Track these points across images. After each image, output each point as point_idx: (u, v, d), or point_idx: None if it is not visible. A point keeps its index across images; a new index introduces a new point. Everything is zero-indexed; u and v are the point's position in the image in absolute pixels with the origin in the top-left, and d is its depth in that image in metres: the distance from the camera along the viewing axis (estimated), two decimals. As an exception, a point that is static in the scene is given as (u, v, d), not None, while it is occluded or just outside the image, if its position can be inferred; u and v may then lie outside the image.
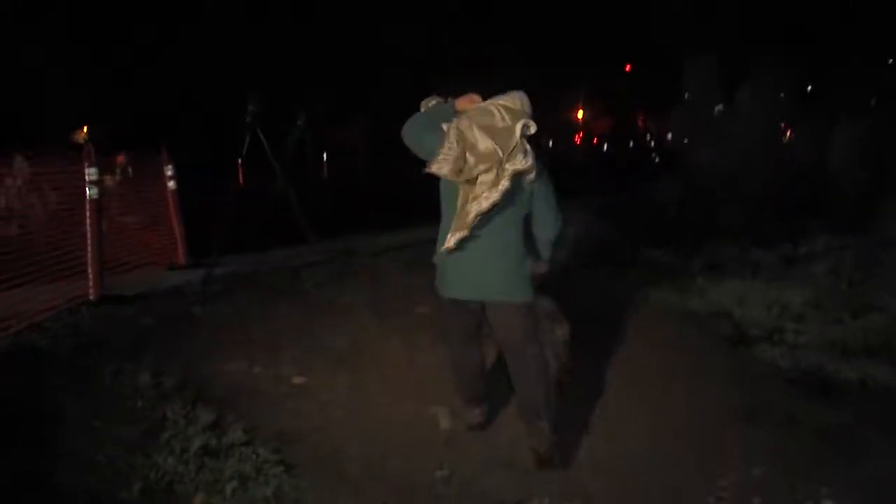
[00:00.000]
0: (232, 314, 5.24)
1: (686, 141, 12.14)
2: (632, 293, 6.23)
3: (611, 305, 5.88)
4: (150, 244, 7.40)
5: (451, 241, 3.08)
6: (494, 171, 3.03)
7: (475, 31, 29.91)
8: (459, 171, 3.03)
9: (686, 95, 12.25)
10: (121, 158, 7.89)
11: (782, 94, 12.24)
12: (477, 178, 3.05)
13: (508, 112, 3.11)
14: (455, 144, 3.03)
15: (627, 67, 49.73)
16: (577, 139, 52.94)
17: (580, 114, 52.35)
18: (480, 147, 3.02)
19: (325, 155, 33.38)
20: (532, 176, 3.13)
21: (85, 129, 34.48)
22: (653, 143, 45.83)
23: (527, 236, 3.35)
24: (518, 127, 3.07)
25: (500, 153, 3.02)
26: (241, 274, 6.64)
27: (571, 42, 37.89)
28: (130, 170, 7.66)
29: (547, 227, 3.38)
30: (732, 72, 12.03)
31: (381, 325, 5.08)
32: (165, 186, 7.30)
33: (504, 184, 3.01)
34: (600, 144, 52.70)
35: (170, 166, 7.25)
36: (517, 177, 3.06)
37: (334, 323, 5.12)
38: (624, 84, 46.96)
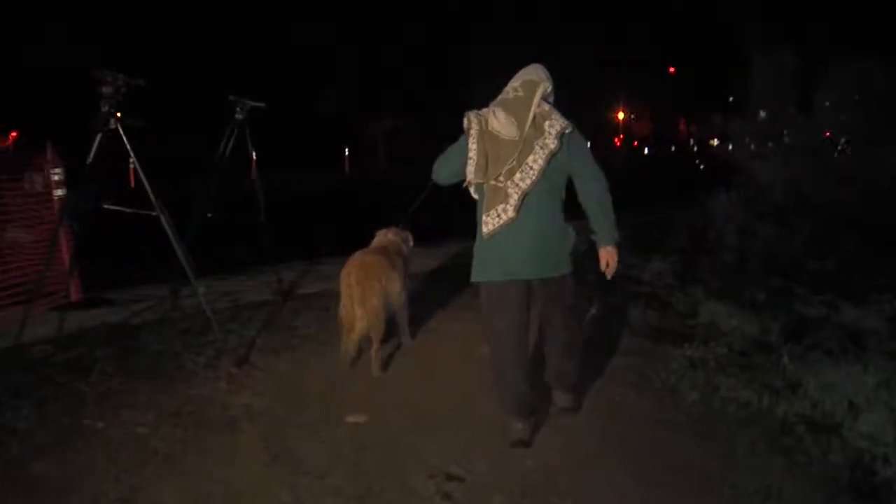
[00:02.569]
0: (34, 423, 3.30)
1: (752, 149, 10.02)
2: (680, 385, 4.20)
3: (640, 410, 3.88)
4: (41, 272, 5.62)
5: (492, 224, 3.15)
6: (518, 156, 3.15)
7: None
8: (485, 173, 3.18)
9: (751, 99, 10.14)
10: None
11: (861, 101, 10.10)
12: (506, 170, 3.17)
13: (524, 85, 3.29)
14: (476, 147, 3.17)
15: (671, 69, 48.12)
16: (618, 141, 51.04)
17: (620, 115, 50.66)
18: (503, 135, 3.15)
19: (346, 151, 31.91)
20: (564, 143, 3.19)
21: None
22: (696, 149, 43.70)
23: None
24: (536, 95, 3.23)
25: (519, 135, 3.16)
26: (131, 324, 4.76)
27: (616, 40, 36.50)
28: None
29: (593, 182, 3.31)
30: (809, 74, 9.91)
31: (280, 449, 3.13)
32: (51, 196, 5.39)
33: (539, 163, 3.15)
34: (640, 147, 51.21)
35: (58, 170, 5.34)
36: (551, 154, 3.16)
37: (198, 443, 3.19)
38: (668, 86, 45.45)
